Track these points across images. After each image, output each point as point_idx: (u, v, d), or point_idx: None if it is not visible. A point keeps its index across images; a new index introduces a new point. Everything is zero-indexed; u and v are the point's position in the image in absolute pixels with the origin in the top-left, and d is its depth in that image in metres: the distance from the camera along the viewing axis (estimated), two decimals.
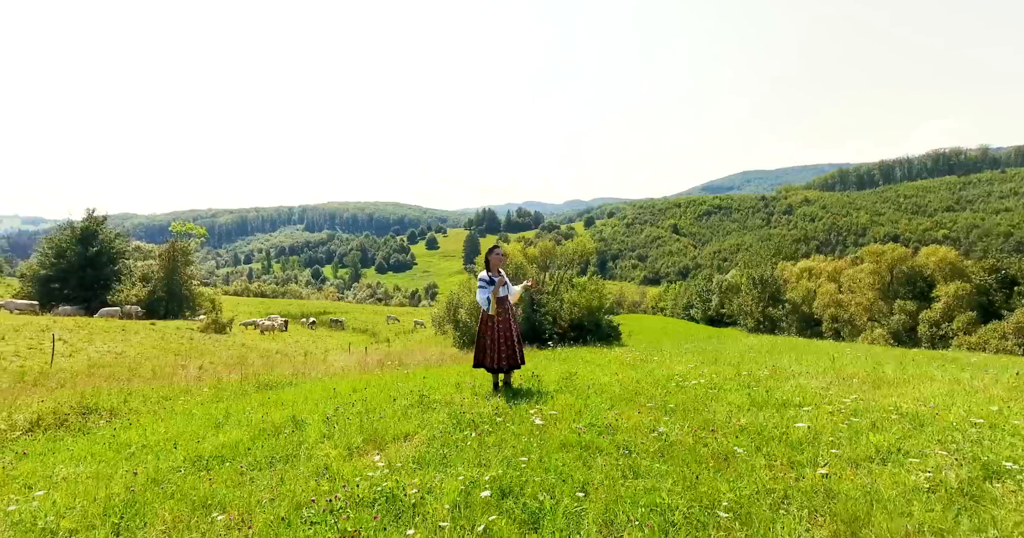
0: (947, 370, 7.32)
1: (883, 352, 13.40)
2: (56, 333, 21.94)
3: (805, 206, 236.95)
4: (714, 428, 4.43)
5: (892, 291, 41.94)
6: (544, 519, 2.98)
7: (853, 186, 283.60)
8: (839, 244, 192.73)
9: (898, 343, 36.98)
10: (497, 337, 6.01)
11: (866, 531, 2.69)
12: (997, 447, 3.79)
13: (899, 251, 41.46)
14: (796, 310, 49.88)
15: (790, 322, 50.16)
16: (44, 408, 6.71)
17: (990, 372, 7.21)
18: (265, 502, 3.34)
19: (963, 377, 6.47)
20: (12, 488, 3.87)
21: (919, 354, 13.08)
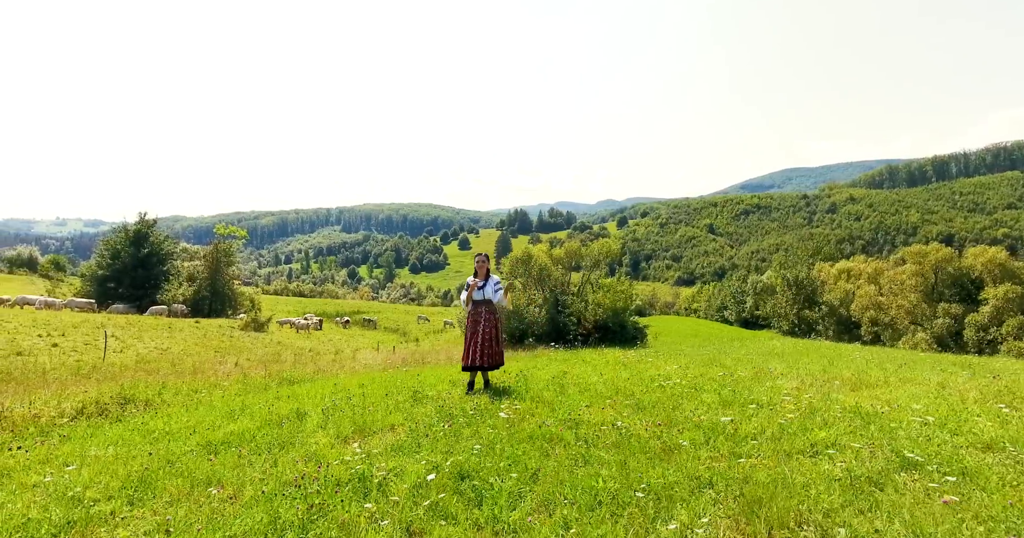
0: (943, 374, 7.27)
1: (903, 356, 13.10)
2: (109, 330, 23.62)
3: (850, 204, 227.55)
4: (673, 424, 4.71)
5: (936, 293, 40.06)
6: (488, 498, 3.37)
7: (903, 183, 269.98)
8: (887, 244, 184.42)
9: (942, 348, 35.35)
10: (477, 338, 6.39)
11: (763, 510, 2.97)
12: (927, 443, 3.97)
13: (944, 252, 39.56)
14: (833, 313, 48.22)
15: (827, 325, 48.53)
16: (88, 398, 7.52)
17: (1001, 377, 7.12)
18: (256, 480, 3.85)
19: (951, 381, 6.47)
20: (52, 464, 4.53)
21: (943, 358, 12.74)
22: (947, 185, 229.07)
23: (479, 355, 6.41)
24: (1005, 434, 4.13)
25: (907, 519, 2.84)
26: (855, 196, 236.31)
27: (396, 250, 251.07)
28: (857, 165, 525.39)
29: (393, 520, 3.10)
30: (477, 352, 6.41)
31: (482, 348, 6.45)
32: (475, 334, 6.47)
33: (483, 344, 6.46)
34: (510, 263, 35.92)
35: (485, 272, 6.64)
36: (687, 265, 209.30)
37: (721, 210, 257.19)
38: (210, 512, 3.31)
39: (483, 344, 6.46)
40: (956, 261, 39.64)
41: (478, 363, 6.42)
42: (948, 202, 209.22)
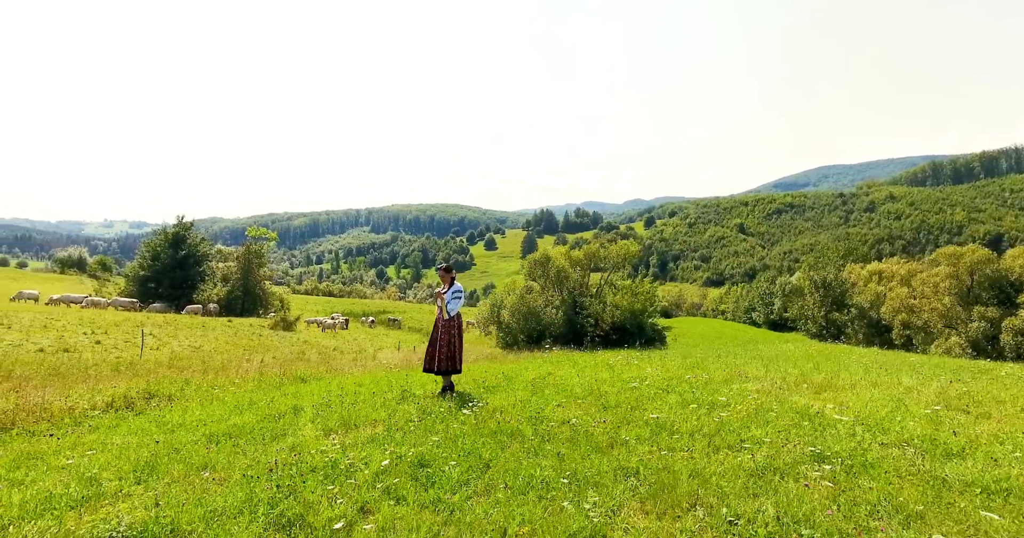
0: (917, 379, 7.35)
1: (916, 361, 12.94)
2: (147, 329, 25.05)
3: (890, 203, 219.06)
4: (629, 421, 5.08)
5: (972, 296, 38.53)
6: (438, 483, 3.83)
7: (948, 180, 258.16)
8: (929, 244, 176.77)
9: (977, 353, 34.04)
10: (436, 344, 6.74)
11: (667, 494, 3.36)
12: (847, 440, 4.27)
13: (980, 253, 38.01)
14: (863, 315, 46.86)
15: (856, 328, 47.19)
16: (117, 393, 8.31)
17: (968, 382, 7.19)
18: (244, 466, 4.40)
19: (920, 386, 6.60)
20: (78, 450, 5.20)
21: (954, 363, 12.54)
22: (996, 182, 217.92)
23: (437, 360, 6.73)
24: (925, 433, 4.38)
25: (783, 501, 3.19)
26: (895, 194, 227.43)
27: (423, 250, 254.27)
28: (899, 162, 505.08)
29: (349, 500, 3.59)
30: (436, 357, 6.73)
31: (439, 353, 6.75)
32: (436, 340, 6.81)
33: (440, 350, 6.77)
34: (528, 265, 36.37)
35: (449, 281, 6.98)
36: (716, 266, 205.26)
37: (752, 209, 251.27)
38: (199, 491, 3.87)
39: (440, 350, 6.77)
40: (995, 263, 38.07)
41: (432, 367, 6.75)
42: (997, 200, 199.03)
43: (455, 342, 6.81)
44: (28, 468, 4.62)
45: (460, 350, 6.82)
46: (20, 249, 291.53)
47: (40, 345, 20.01)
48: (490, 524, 3.18)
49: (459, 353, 6.79)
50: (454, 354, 6.75)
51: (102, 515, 3.47)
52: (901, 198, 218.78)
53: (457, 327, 6.88)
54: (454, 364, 6.77)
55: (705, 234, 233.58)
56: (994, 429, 4.68)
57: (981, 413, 5.33)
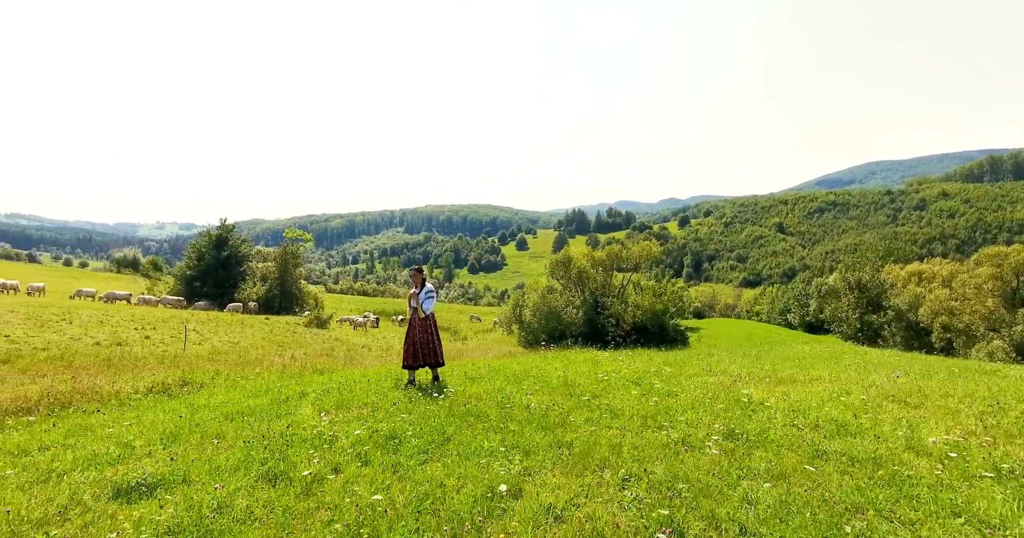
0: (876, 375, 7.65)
1: (925, 364, 12.94)
2: (191, 325, 26.90)
3: (942, 200, 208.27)
4: (584, 406, 5.71)
5: (1019, 298, 36.74)
6: (402, 451, 4.58)
7: (1008, 175, 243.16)
8: (986, 243, 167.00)
9: (1022, 357, 32.56)
10: (415, 340, 7.39)
11: (585, 459, 4.03)
12: (764, 422, 4.81)
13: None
14: (901, 318, 45.22)
15: (894, 331, 45.58)
16: (156, 380, 9.45)
17: (917, 379, 7.44)
18: (248, 437, 5.27)
19: (870, 379, 6.95)
20: (118, 424, 6.21)
21: (956, 363, 12.47)
22: None
23: (420, 355, 7.39)
24: (836, 417, 4.87)
25: (675, 465, 3.80)
26: (948, 191, 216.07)
27: (455, 251, 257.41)
28: (953, 157, 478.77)
29: (325, 461, 4.39)
30: (418, 353, 7.38)
31: (421, 349, 7.40)
32: (414, 337, 7.46)
33: (419, 346, 7.41)
34: (550, 265, 36.91)
35: (420, 282, 7.62)
36: (753, 266, 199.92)
37: (792, 208, 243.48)
38: (208, 453, 4.75)
39: (419, 346, 7.41)
40: None
41: (420, 362, 7.42)
42: None
43: (433, 338, 7.48)
44: (79, 436, 5.64)
45: (440, 345, 7.50)
46: (82, 250, 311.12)
47: (96, 339, 21.89)
48: (432, 480, 3.90)
49: (440, 347, 7.48)
50: (435, 349, 7.43)
51: (132, 468, 4.38)
52: (955, 195, 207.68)
53: (433, 324, 7.54)
54: (437, 358, 7.45)
55: (742, 234, 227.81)
56: (908, 415, 5.10)
57: (916, 403, 5.71)
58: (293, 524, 3.33)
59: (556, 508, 3.35)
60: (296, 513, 3.46)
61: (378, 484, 3.86)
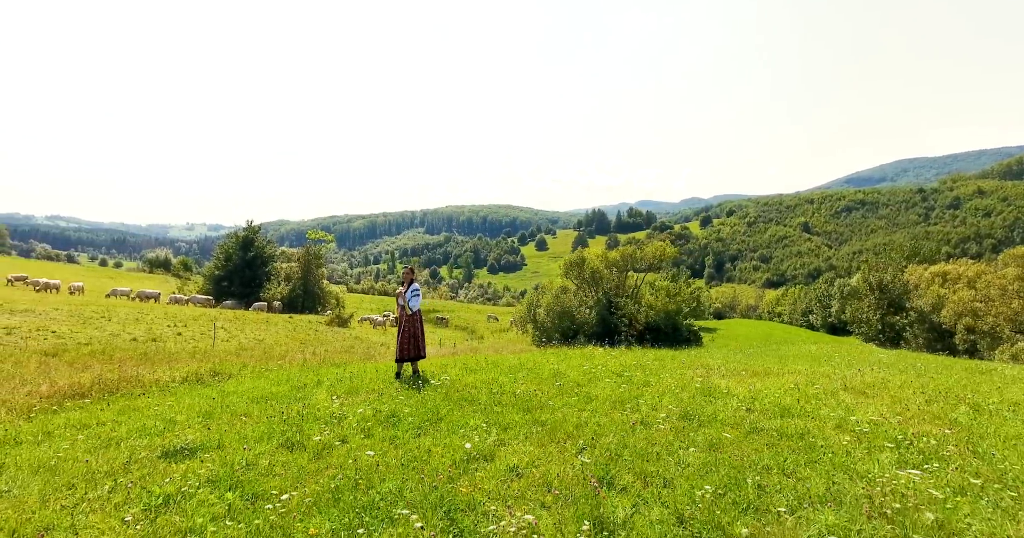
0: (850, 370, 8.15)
1: (924, 363, 13.24)
2: (219, 323, 28.29)
3: (977, 198, 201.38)
4: (564, 392, 6.42)
5: None
6: (399, 426, 5.36)
7: None
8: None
9: None
10: (404, 335, 8.06)
11: (554, 433, 4.76)
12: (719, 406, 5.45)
13: None
14: (924, 319, 44.42)
15: (916, 333, 44.78)
16: (190, 370, 10.46)
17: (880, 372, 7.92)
18: (269, 414, 6.12)
19: (835, 373, 7.48)
20: (161, 406, 7.15)
21: (958, 363, 12.75)
22: None
23: (408, 349, 8.05)
24: (784, 403, 5.48)
25: (627, 438, 4.51)
26: (984, 188, 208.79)
27: (475, 251, 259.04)
28: (992, 153, 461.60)
29: (334, 434, 5.20)
30: (406, 346, 8.04)
31: (409, 344, 8.05)
32: (403, 332, 8.08)
33: (407, 341, 8.05)
34: (564, 265, 37.48)
35: (409, 281, 8.25)
36: (777, 266, 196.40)
37: (818, 207, 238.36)
38: (237, 426, 5.61)
39: (407, 341, 8.05)
40: None
41: (401, 356, 8.08)
42: None
43: (418, 333, 8.15)
44: (129, 414, 6.58)
45: (423, 339, 8.19)
46: (116, 250, 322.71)
47: (133, 335, 23.34)
48: (421, 448, 4.67)
49: (422, 342, 8.16)
50: (419, 343, 8.12)
51: (175, 436, 5.26)
52: (991, 193, 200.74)
53: (419, 321, 8.18)
54: (419, 351, 8.13)
55: (765, 234, 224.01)
56: (852, 402, 5.68)
57: (871, 393, 6.26)
58: (306, 478, 4.12)
59: (519, 467, 4.08)
60: (309, 470, 4.26)
61: (376, 450, 4.65)
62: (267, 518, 3.34)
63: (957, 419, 5.17)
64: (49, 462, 4.51)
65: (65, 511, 3.55)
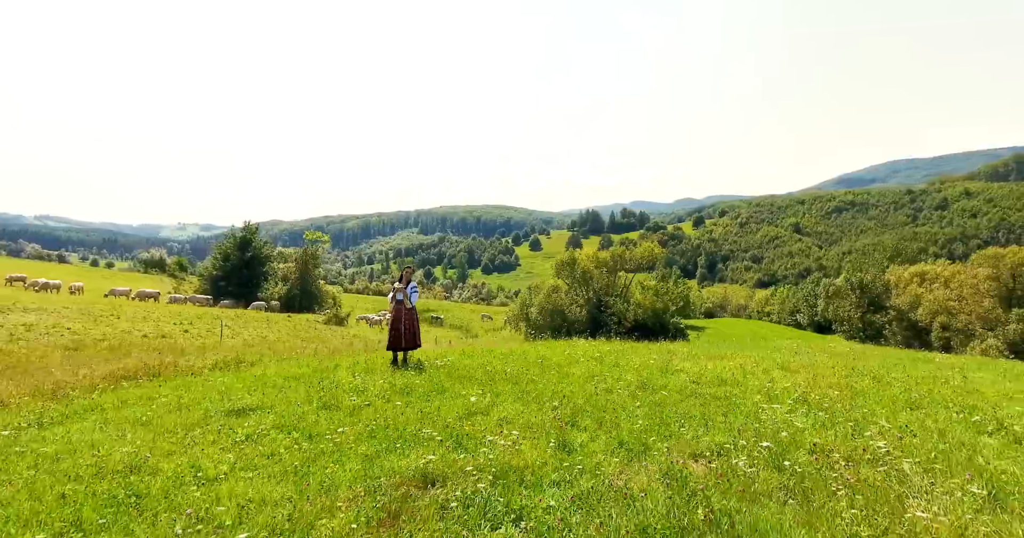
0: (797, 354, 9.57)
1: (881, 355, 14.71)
2: (224, 321, 29.46)
3: (964, 200, 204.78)
4: (548, 371, 7.78)
5: (1015, 299, 37.64)
6: (412, 394, 6.69)
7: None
8: (1010, 243, 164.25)
9: (1015, 355, 33.63)
10: (400, 327, 9.23)
11: (534, 396, 6.14)
12: (672, 378, 6.81)
13: (1022, 254, 37.10)
14: (902, 318, 46.29)
15: (895, 330, 46.65)
16: (218, 359, 11.74)
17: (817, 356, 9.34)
18: (305, 387, 7.43)
19: (778, 357, 8.88)
20: (208, 382, 8.43)
21: (898, 353, 14.23)
22: None
23: (403, 340, 9.17)
24: (723, 377, 6.88)
25: (591, 399, 5.86)
26: (971, 190, 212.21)
27: (469, 251, 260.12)
28: (981, 154, 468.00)
29: (361, 399, 6.53)
30: (401, 338, 9.17)
31: (404, 335, 9.19)
32: (400, 324, 9.17)
33: (405, 333, 9.18)
34: (556, 266, 38.84)
35: (408, 279, 9.44)
36: (768, 267, 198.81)
37: (809, 208, 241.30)
38: (282, 395, 6.92)
39: (405, 333, 9.18)
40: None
41: (402, 346, 9.24)
42: None
43: (415, 325, 9.35)
44: (184, 389, 7.87)
45: (419, 331, 9.40)
46: (107, 250, 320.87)
47: (144, 332, 24.49)
48: (432, 407, 6.01)
49: (418, 333, 9.37)
50: (415, 334, 9.31)
51: (234, 401, 6.57)
52: (978, 194, 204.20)
53: (416, 314, 9.36)
54: (416, 341, 9.34)
55: (757, 234, 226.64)
56: (780, 376, 7.08)
57: (799, 370, 7.68)
58: (346, 428, 5.43)
59: (508, 418, 5.42)
60: (346, 422, 5.58)
61: (397, 409, 5.98)
62: (326, 446, 4.65)
63: (854, 386, 6.55)
64: (141, 419, 5.79)
65: (175, 445, 4.83)
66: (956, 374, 8.26)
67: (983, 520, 2.97)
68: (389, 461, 4.15)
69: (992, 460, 4.05)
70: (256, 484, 3.77)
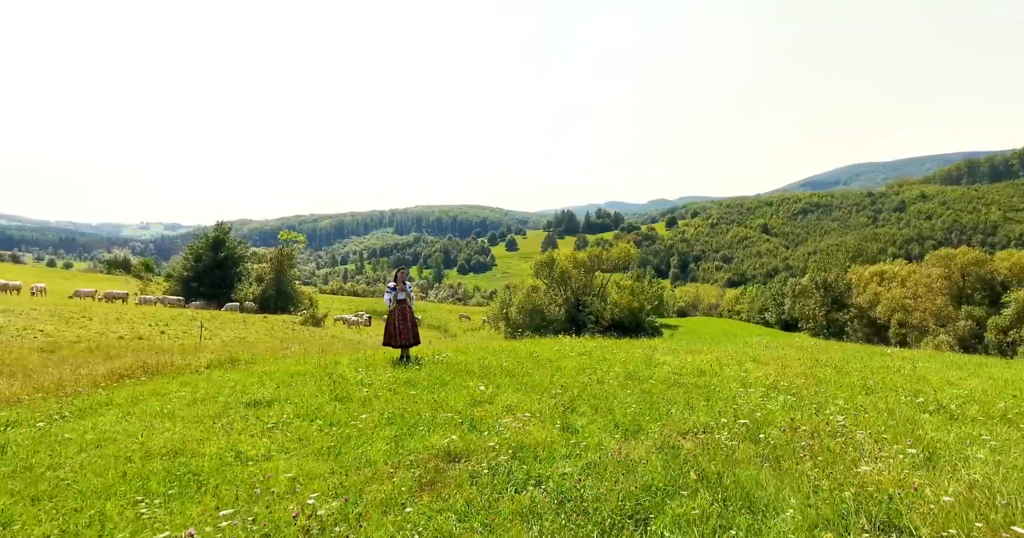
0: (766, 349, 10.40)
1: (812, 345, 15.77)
2: (200, 322, 29.10)
3: (920, 202, 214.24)
4: (540, 365, 8.34)
5: (965, 297, 40.10)
6: (416, 387, 7.15)
7: (984, 178, 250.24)
8: (962, 244, 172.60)
9: (964, 350, 35.84)
10: (399, 325, 9.71)
11: (534, 386, 6.62)
12: (655, 369, 7.43)
13: (971, 254, 39.58)
14: (863, 315, 48.65)
15: (855, 328, 49.01)
16: (212, 358, 11.89)
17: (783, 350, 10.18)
18: (312, 381, 7.79)
19: (753, 351, 9.66)
20: (212, 378, 8.68)
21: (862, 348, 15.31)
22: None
23: (406, 337, 9.65)
24: (701, 368, 7.54)
25: (584, 389, 6.42)
26: (927, 193, 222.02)
27: (445, 251, 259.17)
28: (935, 159, 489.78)
29: (370, 392, 6.96)
30: (406, 335, 9.63)
31: (408, 332, 9.65)
32: (404, 323, 9.63)
33: (409, 330, 9.67)
34: (535, 266, 39.54)
35: (403, 279, 9.94)
36: (738, 267, 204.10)
37: (777, 209, 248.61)
38: (293, 388, 7.29)
39: (409, 330, 9.67)
40: (986, 264, 39.61)
41: (407, 342, 9.71)
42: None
43: (413, 323, 9.81)
44: (191, 385, 8.13)
45: (417, 328, 9.87)
46: (65, 250, 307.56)
47: (119, 334, 24.10)
48: (439, 397, 6.49)
49: (417, 331, 9.83)
50: (415, 331, 9.79)
51: (251, 393, 6.91)
52: (933, 197, 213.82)
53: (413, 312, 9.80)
54: (416, 339, 9.81)
55: (727, 235, 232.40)
56: (752, 367, 7.80)
57: (769, 362, 8.43)
58: (354, 419, 5.86)
59: (512, 405, 5.95)
60: (362, 412, 6.02)
61: (407, 399, 6.44)
62: (350, 431, 5.09)
63: (818, 375, 7.31)
64: (161, 411, 6.09)
65: (206, 433, 5.19)
66: (907, 364, 9.15)
67: (918, 474, 3.64)
68: (414, 441, 4.63)
69: (930, 432, 4.77)
70: (297, 462, 4.20)
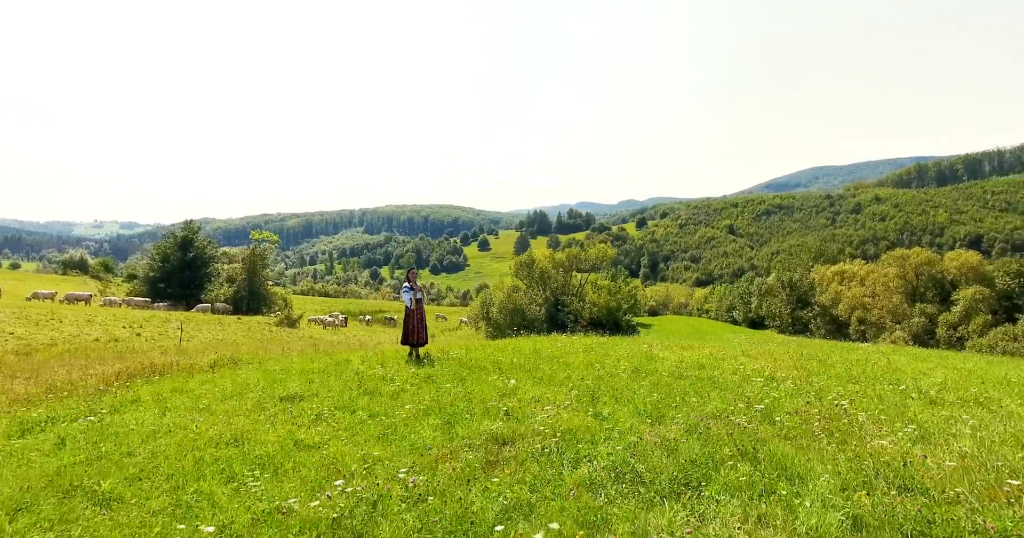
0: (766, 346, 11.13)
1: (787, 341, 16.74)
2: (177, 324, 28.38)
3: (875, 204, 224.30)
4: (545, 360, 8.76)
5: (918, 295, 42.65)
6: (439, 382, 7.47)
7: (932, 182, 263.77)
8: (913, 245, 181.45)
9: (918, 345, 38.13)
10: (416, 324, 9.99)
11: (550, 379, 7.06)
12: (658, 363, 7.96)
13: (924, 255, 42.15)
14: (825, 313, 51.01)
15: (819, 325, 51.34)
16: (216, 358, 11.84)
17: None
18: (334, 378, 7.99)
19: (740, 346, 10.35)
20: (226, 377, 8.76)
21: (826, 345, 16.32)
22: (979, 184, 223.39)
23: (422, 335, 9.95)
24: (698, 362, 8.10)
25: (599, 381, 6.86)
26: (880, 196, 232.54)
27: (417, 251, 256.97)
28: (889, 163, 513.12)
29: (396, 387, 7.25)
30: (422, 334, 9.94)
31: (423, 331, 9.97)
32: (421, 321, 9.99)
33: (422, 329, 9.96)
34: (515, 266, 40.04)
35: (415, 279, 10.11)
36: (706, 266, 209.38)
37: (742, 211, 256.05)
38: (319, 385, 7.48)
39: (422, 329, 9.96)
40: (937, 264, 42.18)
41: (423, 341, 10.00)
42: (979, 202, 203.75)
43: (425, 324, 10.17)
44: (211, 383, 8.24)
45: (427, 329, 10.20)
46: (10, 250, 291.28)
47: (94, 336, 23.43)
48: (465, 391, 6.83)
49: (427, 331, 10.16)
50: (426, 331, 10.13)
51: (281, 388, 7.08)
52: (886, 200, 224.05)
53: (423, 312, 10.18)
54: (427, 338, 10.15)
55: (695, 235, 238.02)
56: (745, 360, 8.42)
57: (760, 356, 9.07)
58: (392, 410, 6.15)
59: (537, 397, 6.34)
60: (395, 404, 6.31)
61: (434, 393, 6.77)
62: (394, 420, 5.39)
63: (806, 367, 7.97)
64: (197, 406, 6.23)
65: (252, 424, 5.39)
66: (882, 358, 9.96)
67: (919, 447, 4.22)
68: (460, 428, 4.97)
69: (919, 414, 5.41)
70: (357, 448, 4.48)
